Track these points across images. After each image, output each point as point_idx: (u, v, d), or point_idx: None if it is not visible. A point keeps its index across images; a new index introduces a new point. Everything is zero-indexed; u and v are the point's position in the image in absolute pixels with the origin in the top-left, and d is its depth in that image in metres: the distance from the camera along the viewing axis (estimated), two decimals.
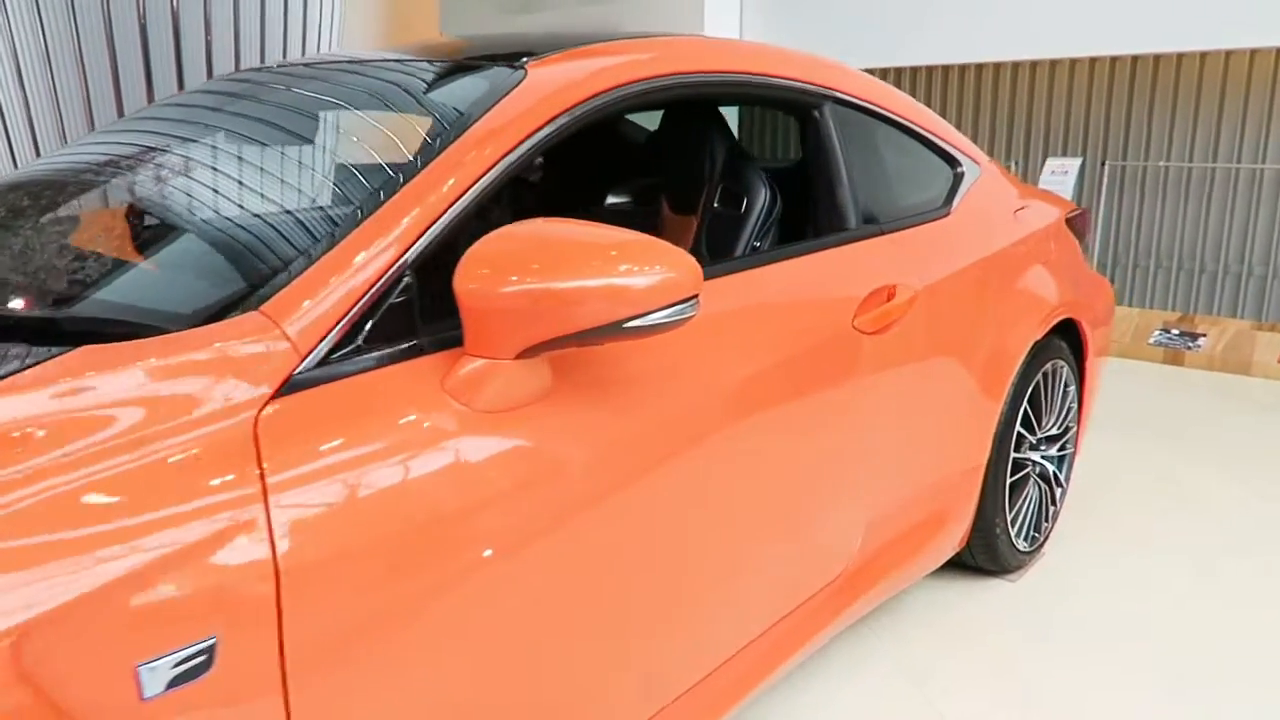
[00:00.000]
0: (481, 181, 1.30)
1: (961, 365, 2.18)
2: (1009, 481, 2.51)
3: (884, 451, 1.97)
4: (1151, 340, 5.16)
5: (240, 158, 1.51)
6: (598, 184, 2.45)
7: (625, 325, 1.14)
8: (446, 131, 1.35)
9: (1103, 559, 2.79)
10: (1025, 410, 2.51)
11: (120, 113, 3.58)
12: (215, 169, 1.49)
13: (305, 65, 1.78)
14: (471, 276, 1.13)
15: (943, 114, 6.44)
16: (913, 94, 6.57)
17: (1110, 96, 5.78)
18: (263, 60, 3.86)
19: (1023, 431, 2.53)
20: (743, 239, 2.01)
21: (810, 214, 2.03)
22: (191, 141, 1.62)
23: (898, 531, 2.14)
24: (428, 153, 1.31)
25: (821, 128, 2.01)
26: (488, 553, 1.16)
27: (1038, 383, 2.56)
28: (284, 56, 4.00)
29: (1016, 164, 6.16)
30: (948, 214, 2.29)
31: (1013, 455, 2.52)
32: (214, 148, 1.56)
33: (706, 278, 1.58)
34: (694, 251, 2.12)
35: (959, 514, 2.36)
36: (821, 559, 1.89)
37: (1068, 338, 2.78)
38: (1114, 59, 5.70)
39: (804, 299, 1.73)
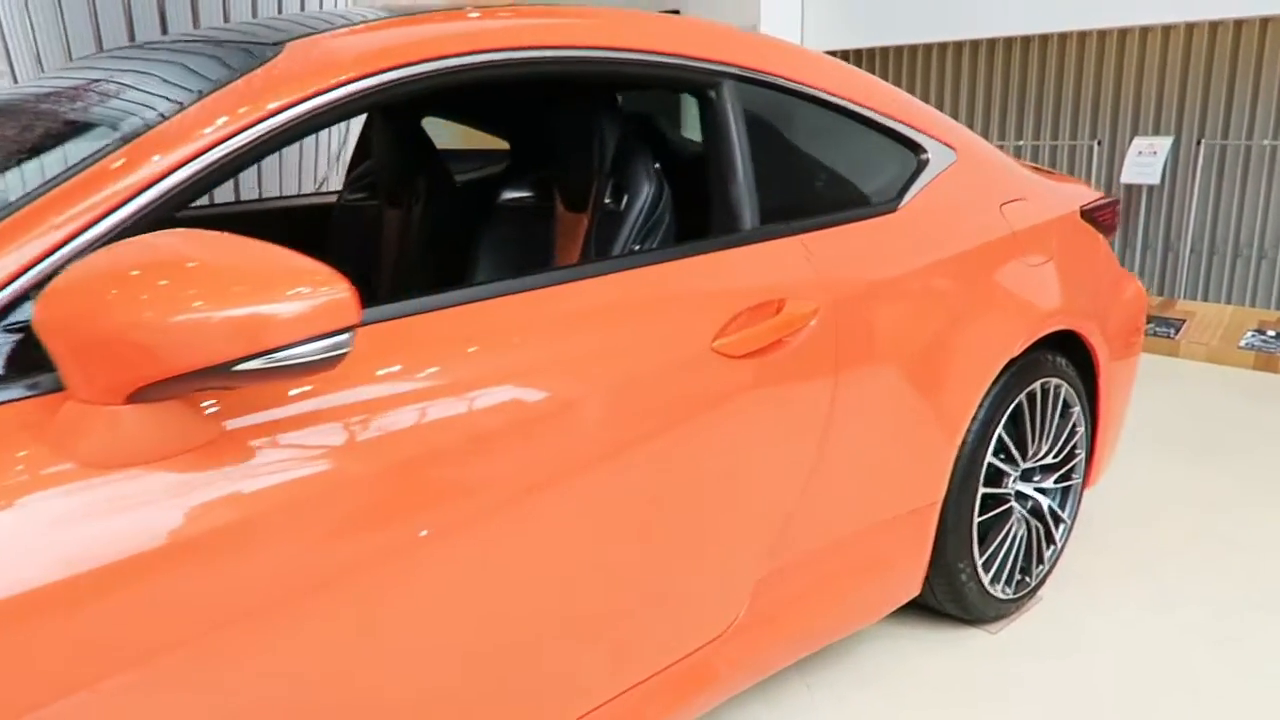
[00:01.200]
0: (162, 185, 1.09)
1: (897, 389, 1.85)
2: (979, 519, 2.16)
3: (778, 494, 1.68)
4: (1242, 343, 4.57)
5: None
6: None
7: (241, 368, 0.91)
8: (137, 128, 1.14)
9: (1113, 611, 2.39)
10: (1002, 437, 2.15)
11: None
12: None
13: (95, 57, 1.61)
14: (52, 304, 0.92)
15: (1020, 91, 5.90)
16: (988, 70, 6.04)
17: (1209, 68, 5.14)
18: None
19: (997, 463, 2.17)
20: (619, 241, 1.75)
21: (705, 212, 1.75)
22: None
23: (815, 580, 1.84)
24: (101, 151, 1.11)
25: (717, 110, 1.72)
26: (100, 658, 0.95)
27: (1021, 405, 2.19)
28: None
29: (1100, 143, 5.57)
30: (895, 209, 1.95)
31: (985, 489, 2.17)
32: None
33: (503, 292, 1.34)
34: (583, 254, 1.87)
35: (906, 557, 2.03)
36: (690, 616, 1.61)
37: (1071, 351, 2.39)
38: (1213, 25, 5.06)
39: (640, 318, 1.45)
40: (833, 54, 7.09)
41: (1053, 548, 2.44)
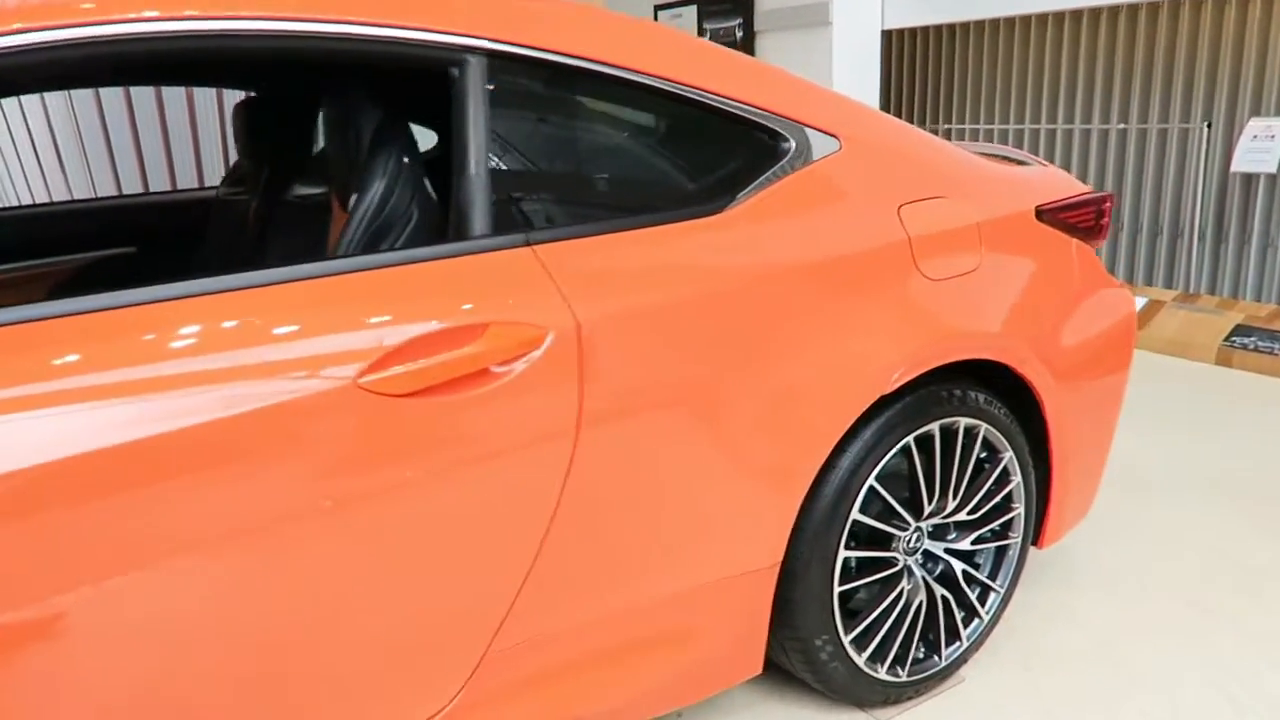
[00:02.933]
0: None
1: (687, 433, 1.51)
2: (845, 586, 1.77)
3: (492, 558, 1.38)
4: None
5: None
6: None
7: None
8: None
9: (1045, 704, 1.95)
10: (876, 490, 1.76)
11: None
12: None
13: None
14: None
15: (1126, 67, 5.18)
16: (1091, 44, 5.34)
17: None
18: None
19: (871, 520, 1.78)
20: (344, 244, 1.49)
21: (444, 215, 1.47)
22: None
23: (580, 656, 1.52)
24: None
25: (456, 94, 1.43)
26: None
27: (910, 450, 1.79)
28: None
29: (1210, 126, 4.81)
30: (721, 211, 1.60)
31: (863, 552, 1.79)
32: None
33: (119, 304, 1.13)
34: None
35: (727, 631, 1.67)
36: (365, 700, 1.34)
37: (1009, 385, 1.97)
38: None
39: (275, 345, 1.19)
40: (914, 31, 6.52)
41: (977, 622, 2.01)
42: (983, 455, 1.95)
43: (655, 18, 6.77)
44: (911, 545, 1.88)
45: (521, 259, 1.39)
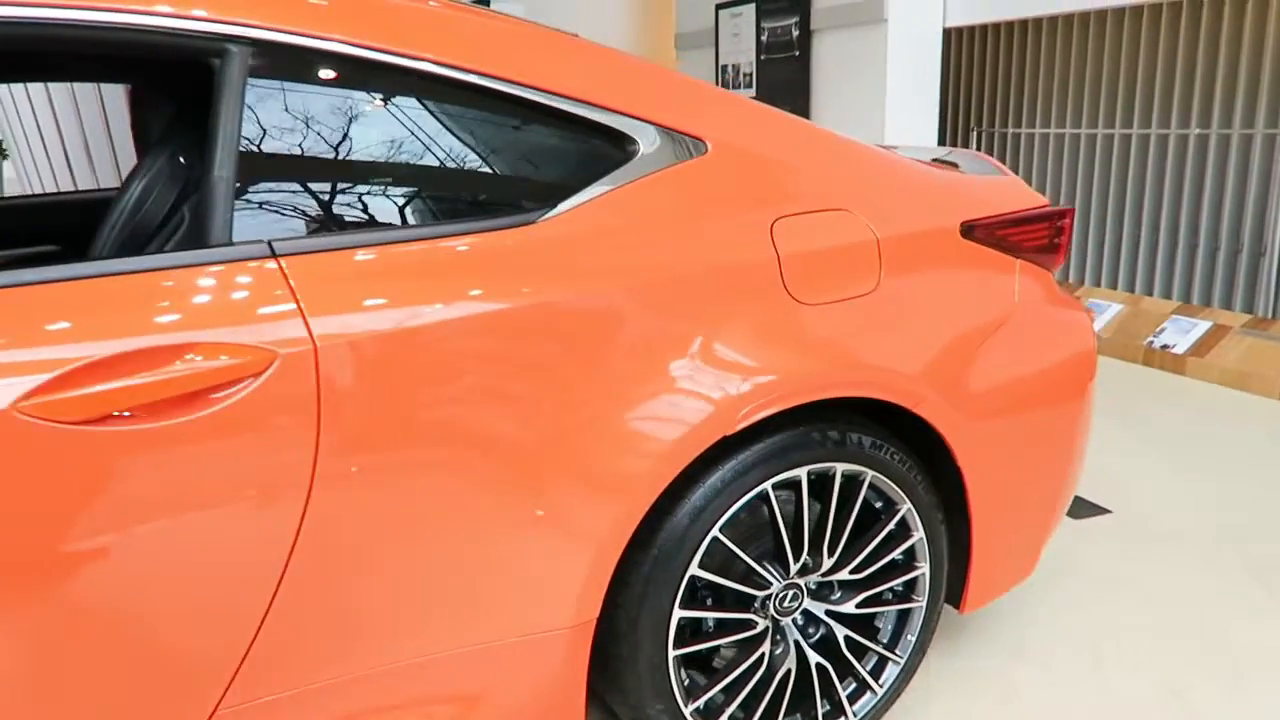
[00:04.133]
0: None
1: (469, 476, 1.33)
2: (684, 650, 1.56)
3: (214, 611, 1.23)
4: None
5: None
6: None
7: None
8: None
9: None
10: (721, 542, 1.54)
11: None
12: None
13: None
14: None
15: (1208, 64, 4.69)
16: (1170, 40, 4.86)
17: None
18: None
19: (711, 575, 1.56)
20: (95, 249, 1.38)
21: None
22: None
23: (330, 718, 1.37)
24: None
25: (217, 87, 1.30)
26: None
27: (767, 500, 1.57)
28: None
29: None
30: (532, 223, 1.41)
31: (720, 612, 1.58)
32: None
33: None
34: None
35: (525, 695, 1.48)
36: None
37: (914, 429, 1.72)
38: None
39: None
40: (981, 29, 6.08)
41: (870, 695, 1.76)
42: (878, 505, 1.71)
43: (715, 17, 6.57)
44: (784, 605, 1.65)
45: (259, 271, 1.24)
